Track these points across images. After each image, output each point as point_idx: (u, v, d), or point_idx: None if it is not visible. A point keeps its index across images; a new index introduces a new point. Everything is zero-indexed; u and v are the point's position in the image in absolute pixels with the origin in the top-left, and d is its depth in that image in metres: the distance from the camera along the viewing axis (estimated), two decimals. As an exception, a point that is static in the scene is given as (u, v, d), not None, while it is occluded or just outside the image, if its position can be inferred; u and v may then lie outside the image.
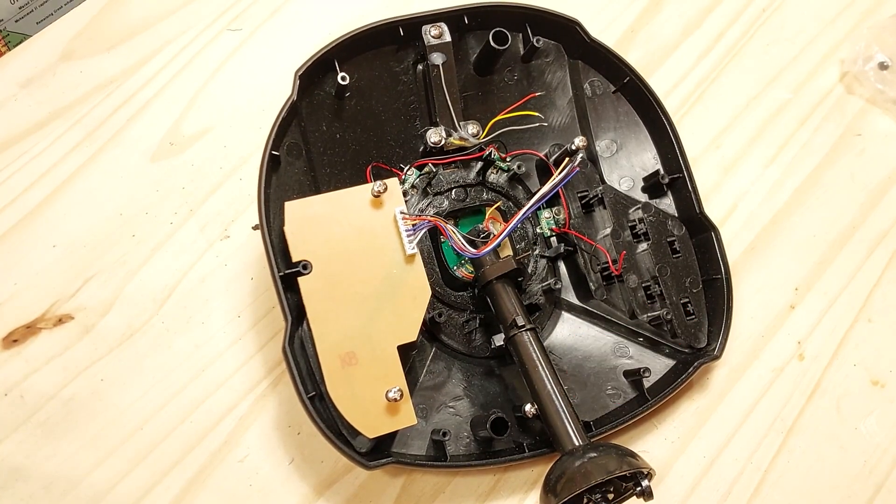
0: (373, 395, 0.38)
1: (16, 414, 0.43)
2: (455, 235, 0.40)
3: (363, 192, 0.40)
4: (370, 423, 0.38)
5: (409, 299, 0.39)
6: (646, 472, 0.35)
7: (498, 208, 0.45)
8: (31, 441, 0.42)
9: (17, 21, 0.59)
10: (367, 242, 0.39)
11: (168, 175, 0.49)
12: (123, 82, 0.51)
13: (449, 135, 0.40)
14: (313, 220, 0.39)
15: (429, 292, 0.40)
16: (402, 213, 0.40)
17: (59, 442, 0.42)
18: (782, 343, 0.48)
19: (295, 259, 0.38)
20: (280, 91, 0.41)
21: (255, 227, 0.48)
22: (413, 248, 0.39)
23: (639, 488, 0.35)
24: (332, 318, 0.38)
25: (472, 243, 0.41)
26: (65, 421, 0.43)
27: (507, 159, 0.46)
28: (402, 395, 0.38)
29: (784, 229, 0.51)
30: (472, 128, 0.44)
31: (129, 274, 0.46)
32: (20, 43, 0.53)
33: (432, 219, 0.40)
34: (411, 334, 0.39)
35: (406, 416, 0.38)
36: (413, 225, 0.40)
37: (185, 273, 0.47)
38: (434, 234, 0.43)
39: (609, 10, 0.56)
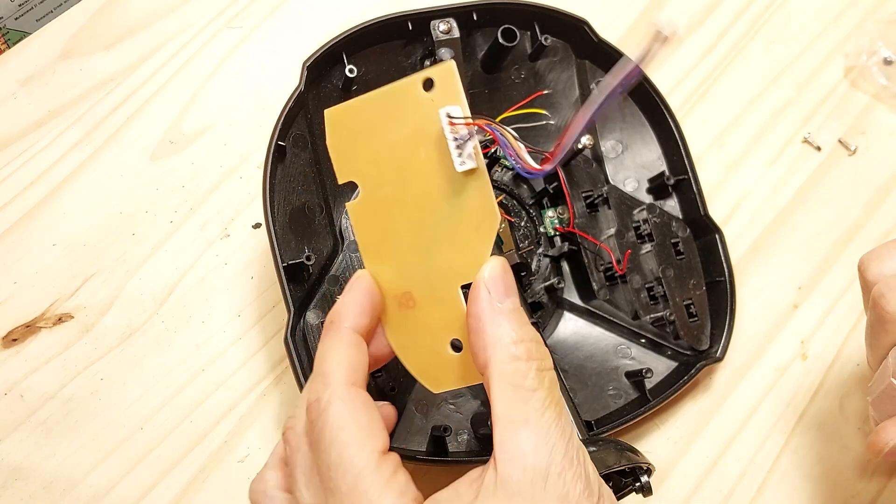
0: (434, 344, 0.32)
1: (15, 413, 0.43)
2: (516, 144, 0.31)
3: (413, 86, 0.30)
4: (434, 375, 0.32)
5: (472, 229, 0.31)
6: (645, 468, 0.35)
7: (501, 203, 0.45)
8: (31, 440, 0.42)
9: (16, 19, 0.58)
10: (419, 156, 0.31)
11: (168, 173, 0.49)
12: (123, 80, 0.51)
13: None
14: (359, 130, 0.32)
15: (497, 218, 0.30)
16: (448, 115, 0.30)
17: (58, 441, 0.42)
18: (785, 343, 0.48)
19: (341, 181, 0.32)
20: (280, 89, 0.41)
21: (255, 226, 0.48)
22: (464, 162, 0.30)
23: (638, 484, 0.35)
24: (386, 251, 0.32)
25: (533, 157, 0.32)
26: (64, 420, 0.43)
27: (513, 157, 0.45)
28: None
29: (787, 228, 0.51)
30: None
31: (129, 273, 0.46)
32: (20, 41, 0.52)
33: (482, 122, 0.30)
34: (477, 272, 0.31)
35: (471, 373, 0.31)
36: (461, 134, 0.30)
37: (186, 272, 0.47)
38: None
39: (611, 7, 0.56)
